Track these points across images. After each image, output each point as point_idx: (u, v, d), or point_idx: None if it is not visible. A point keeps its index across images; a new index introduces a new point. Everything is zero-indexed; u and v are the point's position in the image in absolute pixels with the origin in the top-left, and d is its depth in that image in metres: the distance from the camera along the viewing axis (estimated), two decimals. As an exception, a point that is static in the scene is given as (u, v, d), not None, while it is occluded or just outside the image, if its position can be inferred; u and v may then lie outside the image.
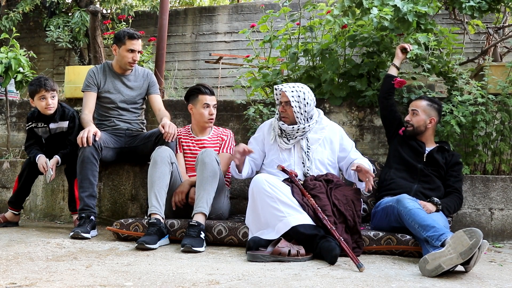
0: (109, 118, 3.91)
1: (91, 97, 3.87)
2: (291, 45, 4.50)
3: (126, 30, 3.91)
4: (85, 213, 3.47)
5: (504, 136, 3.93)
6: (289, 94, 3.29)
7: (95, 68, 3.98)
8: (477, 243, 2.45)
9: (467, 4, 3.94)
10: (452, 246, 2.49)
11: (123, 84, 3.94)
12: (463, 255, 2.46)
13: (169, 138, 3.58)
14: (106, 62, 4.01)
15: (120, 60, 3.88)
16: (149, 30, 8.57)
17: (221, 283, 2.27)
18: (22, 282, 2.18)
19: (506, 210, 3.72)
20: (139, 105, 4.02)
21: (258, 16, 8.41)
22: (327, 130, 3.41)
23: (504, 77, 4.03)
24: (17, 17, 8.30)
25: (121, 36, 3.85)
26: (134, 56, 3.85)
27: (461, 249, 2.46)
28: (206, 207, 3.15)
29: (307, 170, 3.26)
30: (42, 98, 3.73)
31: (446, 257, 2.49)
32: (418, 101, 3.58)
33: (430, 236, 2.74)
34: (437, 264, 2.50)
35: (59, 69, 9.13)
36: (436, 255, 2.52)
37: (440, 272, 2.50)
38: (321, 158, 3.32)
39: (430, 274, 2.52)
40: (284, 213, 2.93)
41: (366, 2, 3.98)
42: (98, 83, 3.90)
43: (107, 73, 3.94)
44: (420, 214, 2.88)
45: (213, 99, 3.69)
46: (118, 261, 2.68)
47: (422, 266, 2.55)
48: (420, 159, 3.45)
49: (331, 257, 2.74)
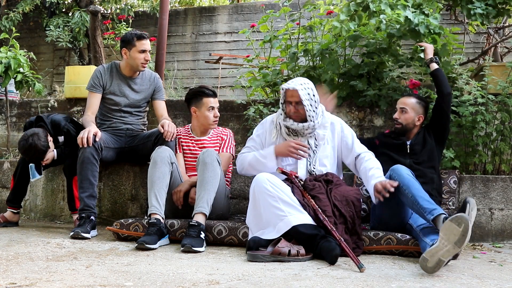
0: (111, 119, 3.89)
1: (96, 99, 3.82)
2: (291, 45, 4.50)
3: (133, 32, 3.85)
4: (85, 213, 3.47)
5: (504, 136, 3.93)
6: (301, 93, 3.17)
7: (102, 68, 3.91)
8: (466, 228, 2.49)
9: (476, 11, 3.91)
10: (444, 238, 2.53)
11: (129, 87, 3.88)
12: (458, 244, 2.51)
13: (169, 137, 3.58)
14: (114, 63, 3.94)
15: (132, 62, 3.80)
16: (149, 30, 8.55)
17: (221, 283, 2.27)
18: (22, 282, 2.18)
19: (506, 210, 3.72)
20: (142, 108, 3.99)
21: (258, 16, 8.42)
22: (329, 126, 3.36)
23: (504, 77, 4.03)
24: (17, 17, 8.30)
25: (129, 38, 3.79)
26: (146, 56, 3.80)
27: (454, 238, 2.51)
28: (206, 207, 3.15)
29: (313, 168, 3.25)
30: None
31: (443, 250, 2.53)
32: (406, 99, 3.56)
33: (423, 208, 2.80)
34: (437, 259, 2.53)
35: (59, 69, 9.14)
36: (432, 251, 2.55)
37: (442, 266, 2.54)
38: (325, 155, 3.30)
39: (434, 271, 2.54)
40: (285, 212, 2.93)
41: (373, 5, 3.90)
42: (104, 84, 3.84)
43: (114, 75, 3.88)
44: (415, 184, 2.91)
45: (216, 101, 3.68)
46: (118, 261, 2.68)
47: (423, 265, 2.56)
48: (406, 153, 3.48)
49: (331, 257, 2.74)
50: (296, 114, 3.23)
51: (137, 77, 3.91)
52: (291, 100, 3.22)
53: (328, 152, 3.31)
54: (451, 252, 2.52)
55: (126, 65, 3.86)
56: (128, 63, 3.84)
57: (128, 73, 3.88)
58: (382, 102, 4.09)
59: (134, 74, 3.89)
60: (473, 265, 2.87)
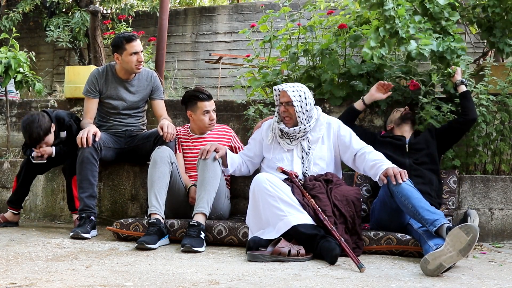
0: (110, 121, 3.87)
1: (93, 104, 3.80)
2: (291, 45, 4.50)
3: (121, 35, 3.76)
4: (85, 214, 3.47)
5: (504, 136, 3.93)
6: (291, 94, 3.27)
7: (97, 72, 3.85)
8: (474, 238, 2.48)
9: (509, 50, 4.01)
10: (450, 244, 2.52)
11: (126, 90, 3.84)
12: (463, 252, 2.49)
13: (169, 138, 3.57)
14: (109, 65, 3.87)
15: (126, 66, 3.74)
16: (149, 30, 8.57)
17: (221, 283, 2.27)
18: (22, 282, 2.18)
19: (506, 210, 3.72)
20: (141, 109, 3.97)
21: (258, 16, 8.42)
22: (326, 125, 3.40)
23: (504, 77, 4.03)
24: (17, 17, 8.30)
25: (119, 43, 3.71)
26: (139, 57, 3.73)
27: (459, 246, 2.50)
28: (206, 207, 3.15)
29: (305, 170, 3.27)
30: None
31: (446, 255, 2.51)
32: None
33: (425, 219, 2.78)
34: (438, 264, 2.52)
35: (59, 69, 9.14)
36: (435, 254, 2.53)
37: (443, 271, 2.53)
38: (321, 155, 3.32)
39: (433, 274, 2.53)
40: (285, 212, 2.93)
41: (402, 31, 3.75)
42: (100, 89, 3.80)
43: (110, 78, 3.83)
44: (414, 194, 2.88)
45: (212, 104, 3.67)
46: (118, 261, 2.68)
47: (423, 267, 2.56)
48: (405, 153, 3.49)
49: (331, 257, 2.74)
50: (287, 114, 3.30)
51: (134, 79, 3.87)
52: (283, 100, 3.32)
53: (324, 152, 3.34)
54: (454, 259, 2.51)
55: (121, 69, 3.80)
56: (123, 67, 3.78)
57: (124, 76, 3.83)
58: (382, 102, 4.09)
59: (130, 76, 3.84)
60: (473, 265, 2.87)
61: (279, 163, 3.29)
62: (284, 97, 3.32)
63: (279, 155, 3.34)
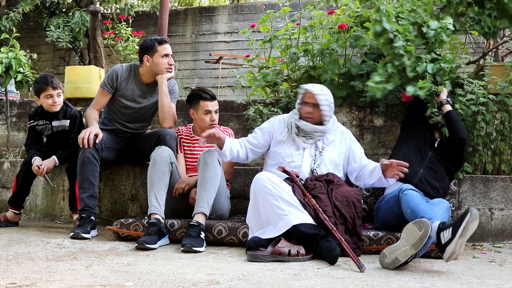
0: (115, 124, 3.83)
1: (105, 98, 3.75)
2: (291, 45, 4.50)
3: (152, 37, 3.72)
4: (85, 214, 3.47)
5: (504, 136, 3.93)
6: (321, 98, 3.28)
7: (120, 68, 3.77)
8: (426, 233, 2.55)
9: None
10: (405, 239, 2.60)
11: (142, 95, 3.77)
12: (415, 246, 2.56)
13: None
14: (134, 65, 3.79)
15: (156, 68, 3.68)
16: (149, 30, 8.56)
17: (221, 283, 2.27)
18: (22, 282, 2.18)
19: (506, 210, 3.72)
20: (149, 114, 3.90)
21: (258, 16, 8.42)
22: (339, 132, 3.45)
23: (504, 77, 4.03)
24: (17, 17, 8.30)
25: (150, 44, 3.66)
26: (170, 60, 3.70)
27: (412, 240, 2.57)
28: (206, 207, 3.15)
29: (316, 167, 3.27)
30: (49, 96, 3.74)
31: (401, 249, 2.60)
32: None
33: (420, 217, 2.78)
34: (394, 257, 2.61)
35: (59, 69, 9.13)
36: (392, 248, 2.63)
37: (398, 265, 2.61)
38: (331, 158, 3.34)
39: (389, 267, 2.63)
40: (285, 211, 2.93)
41: (409, 69, 3.59)
42: (118, 86, 3.73)
43: (131, 79, 3.76)
44: (416, 199, 2.90)
45: (215, 104, 3.65)
46: (118, 261, 2.69)
47: (381, 260, 2.66)
48: (432, 147, 3.52)
49: (332, 257, 2.74)
50: (311, 116, 3.31)
51: (154, 84, 3.79)
52: (310, 101, 3.31)
53: (335, 156, 3.36)
54: (408, 253, 2.58)
55: (148, 71, 3.72)
56: (151, 70, 3.70)
57: (148, 80, 3.76)
58: (382, 102, 4.10)
59: (154, 81, 3.77)
60: (473, 265, 2.87)
61: (287, 159, 3.30)
62: (312, 99, 3.30)
63: (289, 151, 3.33)
